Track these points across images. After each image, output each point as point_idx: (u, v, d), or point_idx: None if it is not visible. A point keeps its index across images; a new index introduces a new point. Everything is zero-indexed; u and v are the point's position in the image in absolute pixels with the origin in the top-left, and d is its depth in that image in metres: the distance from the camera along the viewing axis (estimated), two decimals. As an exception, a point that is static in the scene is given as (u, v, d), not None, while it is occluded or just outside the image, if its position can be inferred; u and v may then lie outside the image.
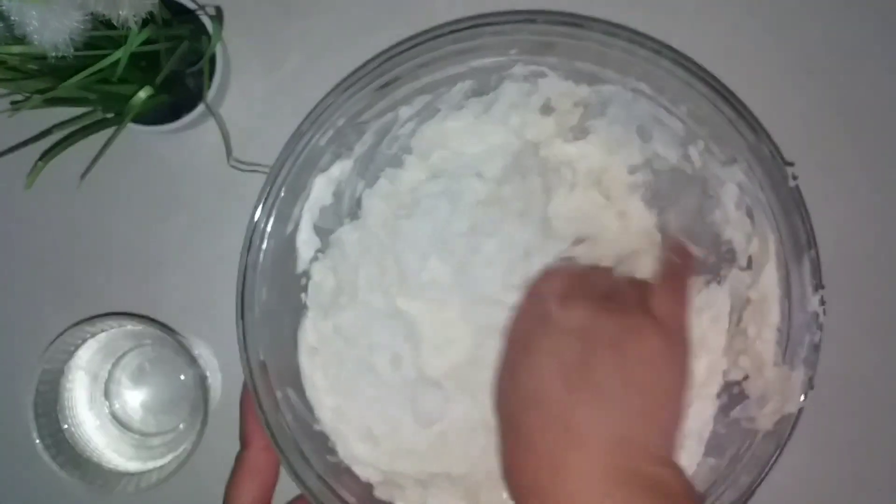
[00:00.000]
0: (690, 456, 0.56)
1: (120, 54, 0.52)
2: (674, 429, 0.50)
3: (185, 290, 0.65)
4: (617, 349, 0.49)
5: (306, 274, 0.59)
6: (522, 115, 0.59)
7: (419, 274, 0.58)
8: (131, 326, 0.63)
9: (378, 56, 0.54)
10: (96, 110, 0.58)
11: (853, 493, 0.64)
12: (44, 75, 0.53)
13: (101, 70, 0.52)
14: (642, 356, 0.49)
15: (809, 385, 0.52)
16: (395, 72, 0.54)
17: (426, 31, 0.54)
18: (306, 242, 0.58)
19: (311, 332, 0.58)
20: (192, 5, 0.59)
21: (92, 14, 0.49)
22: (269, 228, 0.53)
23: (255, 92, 0.65)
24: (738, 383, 0.56)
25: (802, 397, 0.52)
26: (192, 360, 0.60)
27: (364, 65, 0.54)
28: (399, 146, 0.59)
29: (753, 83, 0.62)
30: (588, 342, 0.49)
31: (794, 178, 0.52)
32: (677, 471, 0.48)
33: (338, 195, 0.58)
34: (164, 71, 0.56)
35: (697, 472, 0.56)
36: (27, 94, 0.53)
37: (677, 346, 0.51)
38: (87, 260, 0.66)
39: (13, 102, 0.54)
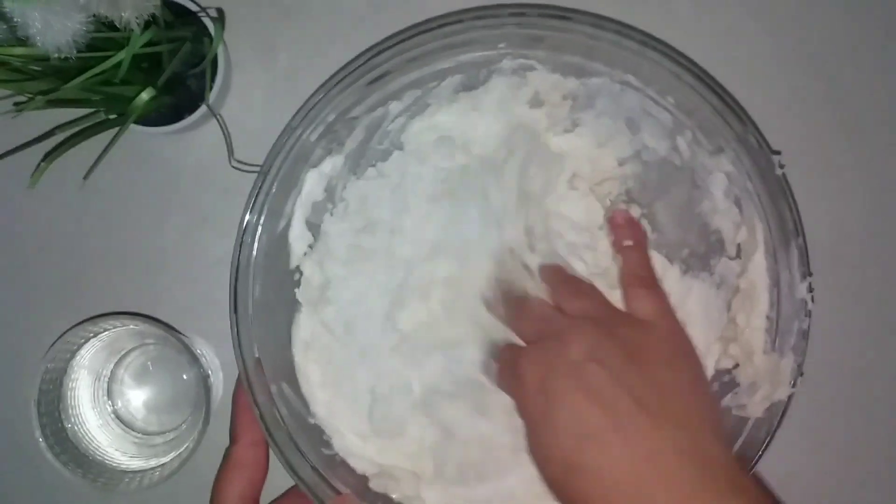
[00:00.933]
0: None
1: (122, 56, 0.53)
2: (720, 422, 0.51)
3: (187, 289, 0.66)
4: (669, 363, 0.49)
5: (299, 269, 0.59)
6: (512, 109, 0.59)
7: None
8: (134, 326, 0.63)
9: (367, 51, 0.54)
10: (99, 111, 0.59)
11: (843, 479, 0.64)
12: (47, 77, 0.53)
13: (103, 71, 0.53)
14: (676, 364, 0.50)
15: (799, 372, 0.52)
16: (385, 66, 0.54)
17: (415, 26, 0.55)
18: (299, 238, 0.58)
19: (304, 327, 0.59)
20: (193, 7, 0.60)
21: (94, 16, 0.49)
22: (261, 224, 0.54)
23: (257, 93, 0.65)
24: (728, 371, 0.57)
25: (792, 384, 0.52)
26: (194, 360, 0.60)
27: (353, 60, 0.54)
28: (389, 141, 0.60)
29: (740, 73, 0.62)
30: (645, 363, 0.48)
31: (781, 166, 0.53)
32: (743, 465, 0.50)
33: (329, 191, 0.58)
34: (166, 72, 0.57)
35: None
36: (30, 96, 0.53)
37: (685, 343, 0.52)
38: (90, 260, 0.66)
39: (16, 103, 0.54)
